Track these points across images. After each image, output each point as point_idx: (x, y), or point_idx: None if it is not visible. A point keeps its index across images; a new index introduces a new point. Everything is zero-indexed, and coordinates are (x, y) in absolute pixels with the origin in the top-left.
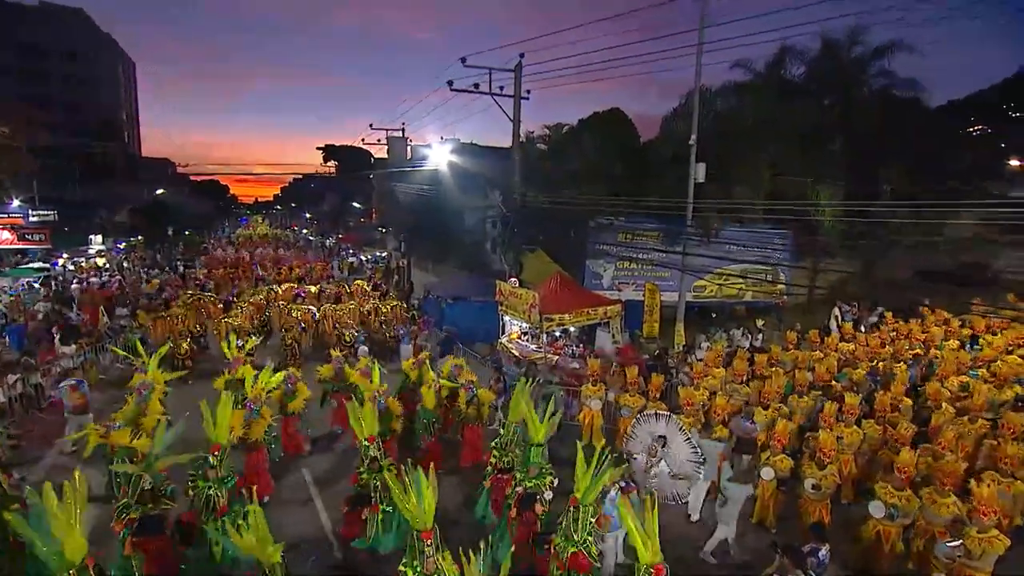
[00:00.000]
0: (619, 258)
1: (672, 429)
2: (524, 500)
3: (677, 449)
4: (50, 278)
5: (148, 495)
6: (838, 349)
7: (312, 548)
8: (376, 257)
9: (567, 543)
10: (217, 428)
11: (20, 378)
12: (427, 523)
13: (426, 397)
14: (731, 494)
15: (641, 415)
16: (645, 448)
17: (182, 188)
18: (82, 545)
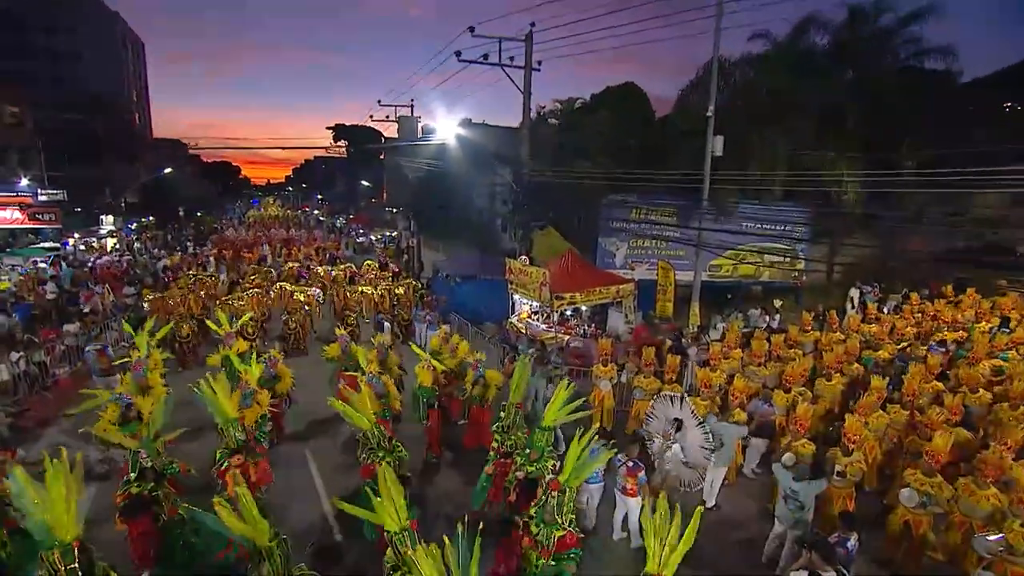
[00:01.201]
0: (632, 236)
1: (687, 413)
2: (525, 485)
3: (691, 435)
4: (60, 258)
5: (150, 473)
6: (860, 331)
7: (311, 534)
8: (386, 237)
9: (551, 528)
10: (222, 409)
11: (23, 356)
12: (403, 519)
13: (421, 375)
14: (805, 498)
15: (659, 396)
16: (661, 431)
17: (193, 169)
18: (73, 526)
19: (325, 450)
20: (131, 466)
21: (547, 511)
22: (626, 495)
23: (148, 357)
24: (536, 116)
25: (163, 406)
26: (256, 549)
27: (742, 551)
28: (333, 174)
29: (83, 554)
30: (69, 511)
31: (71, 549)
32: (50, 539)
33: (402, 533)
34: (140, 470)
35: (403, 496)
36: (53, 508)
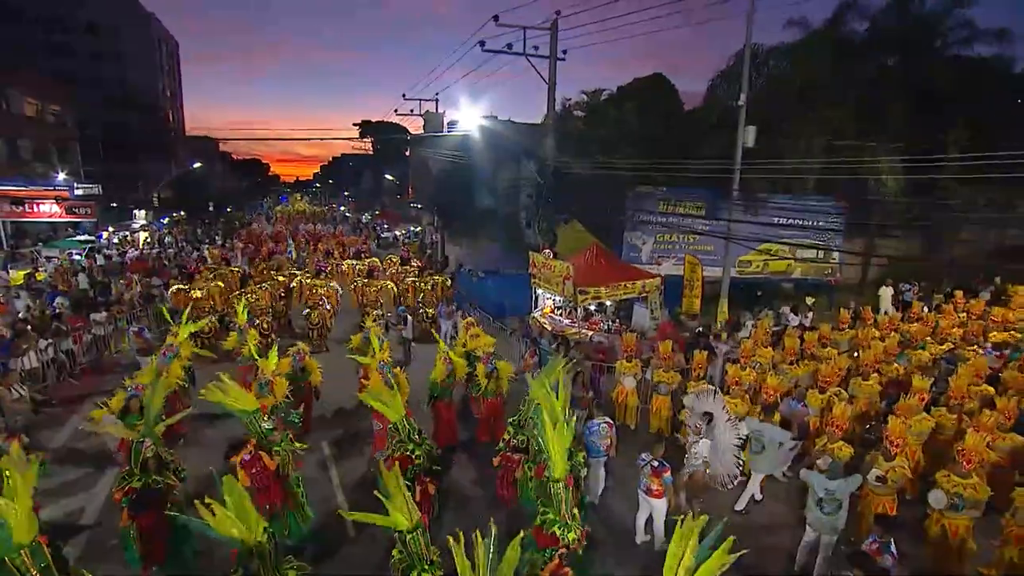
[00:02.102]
0: (659, 230)
1: (719, 408)
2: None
3: (721, 436)
4: (94, 250)
5: (153, 464)
6: (898, 329)
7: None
8: (410, 232)
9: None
10: (241, 402)
11: (51, 343)
12: (414, 519)
13: (436, 369)
14: (843, 496)
15: (701, 390)
16: (692, 425)
17: (223, 165)
18: (31, 523)
19: (341, 442)
20: (133, 458)
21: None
22: (651, 496)
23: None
24: (562, 109)
25: (161, 389)
26: (246, 546)
27: (773, 558)
28: (360, 171)
29: (53, 548)
30: (27, 508)
31: (40, 546)
32: (13, 543)
33: (415, 532)
34: (143, 461)
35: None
36: (9, 509)
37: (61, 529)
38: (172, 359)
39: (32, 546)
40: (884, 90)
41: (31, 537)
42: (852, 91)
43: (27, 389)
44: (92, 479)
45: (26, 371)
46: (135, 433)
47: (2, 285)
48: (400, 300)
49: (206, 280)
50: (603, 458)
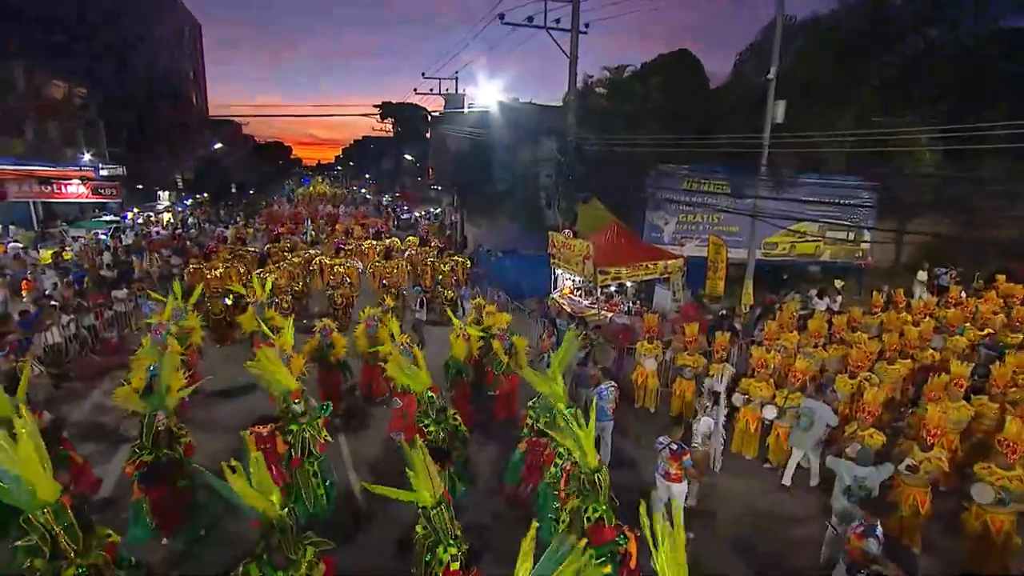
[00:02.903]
0: (682, 210)
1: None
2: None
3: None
4: (119, 230)
5: (164, 437)
6: (933, 314)
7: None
8: (430, 213)
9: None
10: (282, 378)
11: (74, 319)
12: (438, 494)
13: (455, 346)
14: (873, 484)
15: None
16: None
17: (246, 148)
18: (53, 483)
19: (355, 422)
20: (146, 432)
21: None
22: (670, 480)
23: (184, 320)
24: (583, 86)
25: (170, 364)
26: (267, 519)
27: (798, 549)
28: (380, 154)
29: (75, 510)
30: (46, 470)
31: (63, 506)
32: (35, 501)
33: (439, 507)
34: (155, 434)
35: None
36: (31, 468)
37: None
38: (166, 336)
39: (55, 506)
40: (925, 62)
41: (55, 497)
42: (890, 64)
43: (44, 367)
44: (110, 453)
45: (49, 346)
46: (150, 407)
47: (31, 263)
48: (418, 281)
49: (224, 260)
50: (610, 422)
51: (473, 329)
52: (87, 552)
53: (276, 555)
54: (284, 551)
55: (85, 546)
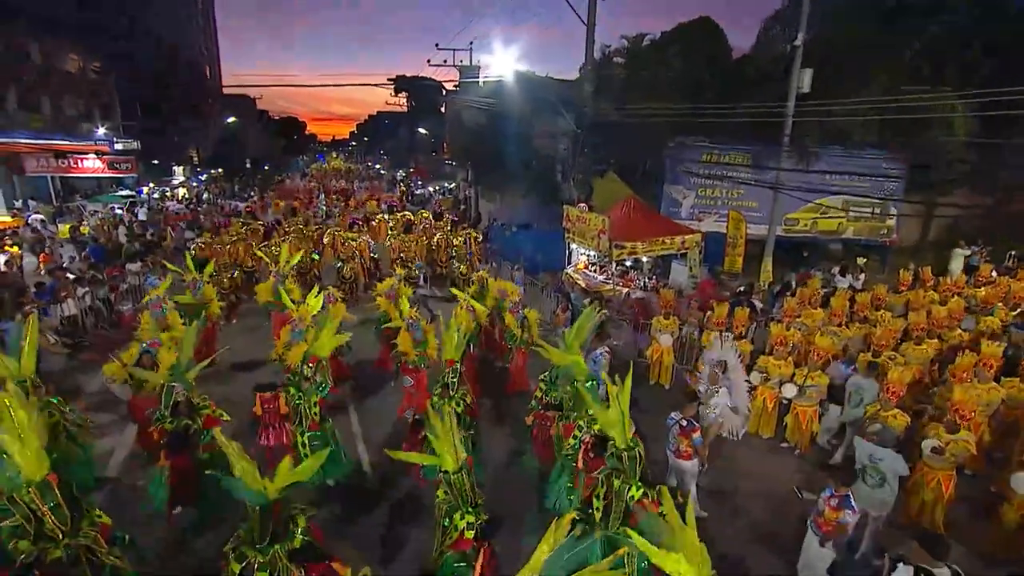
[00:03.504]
0: (701, 184)
1: (731, 355)
2: (595, 445)
3: (736, 378)
4: (135, 204)
5: (185, 407)
6: (963, 294)
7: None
8: (444, 188)
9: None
10: (320, 342)
11: (88, 291)
12: (460, 459)
13: (459, 318)
14: (887, 469)
15: (715, 339)
16: (707, 376)
17: (261, 124)
18: (40, 460)
19: (365, 395)
20: (164, 400)
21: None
22: (680, 458)
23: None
24: (601, 56)
25: (191, 338)
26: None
27: None
28: (395, 129)
29: (63, 488)
30: (35, 445)
31: (49, 485)
32: (19, 479)
33: (460, 472)
34: (174, 404)
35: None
36: (17, 444)
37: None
38: (166, 311)
39: (41, 484)
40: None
41: (41, 474)
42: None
43: (59, 337)
44: (122, 424)
45: (65, 317)
46: (165, 376)
47: (49, 237)
48: (431, 256)
49: (235, 234)
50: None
51: (477, 304)
52: (75, 533)
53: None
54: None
55: (74, 527)
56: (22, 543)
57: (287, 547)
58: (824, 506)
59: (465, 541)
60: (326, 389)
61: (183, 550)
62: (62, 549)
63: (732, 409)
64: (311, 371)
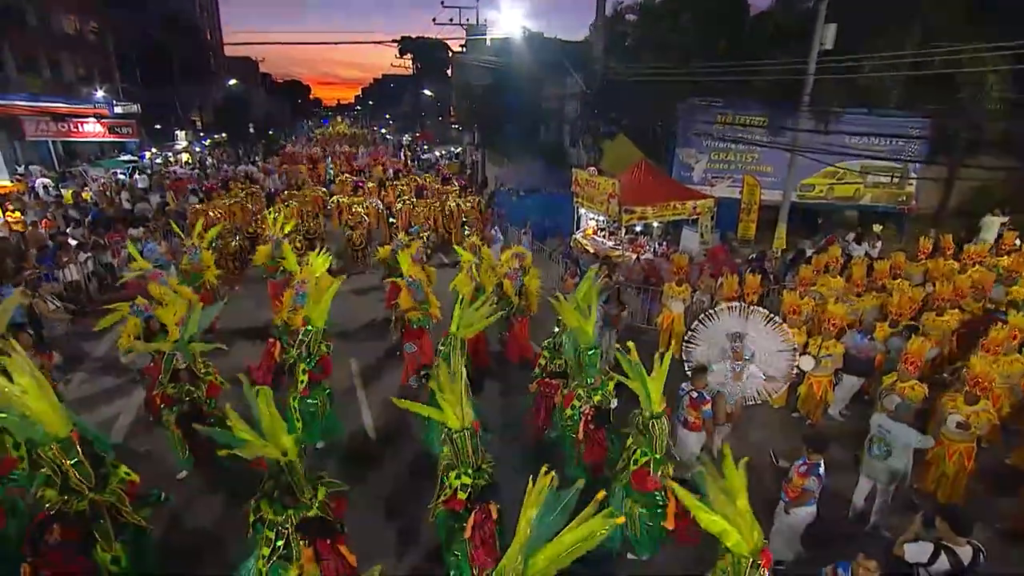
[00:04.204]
0: (714, 147)
1: (744, 321)
2: (597, 416)
3: (764, 344)
4: (137, 169)
5: (185, 376)
6: (984, 262)
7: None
8: (450, 152)
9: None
10: (317, 309)
11: (91, 256)
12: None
13: (459, 282)
14: (894, 441)
15: (701, 316)
16: (723, 354)
17: (264, 87)
18: (62, 418)
19: (368, 358)
20: (164, 368)
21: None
22: (688, 428)
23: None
24: (612, 13)
25: (199, 313)
26: (274, 461)
27: (826, 502)
28: (400, 93)
29: (85, 446)
30: (53, 403)
31: (71, 442)
32: (44, 436)
33: (463, 432)
34: (173, 372)
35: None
36: (36, 401)
37: None
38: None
39: (64, 442)
40: None
41: (66, 431)
42: None
43: (62, 303)
44: (128, 389)
45: (68, 283)
46: (169, 345)
47: (51, 201)
48: (443, 222)
49: (232, 199)
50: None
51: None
52: (101, 489)
53: (286, 496)
54: (294, 492)
55: (99, 483)
56: (49, 492)
57: (301, 514)
58: (793, 473)
59: (457, 501)
60: (312, 362)
61: (195, 512)
62: (87, 503)
63: (769, 379)
64: (306, 337)
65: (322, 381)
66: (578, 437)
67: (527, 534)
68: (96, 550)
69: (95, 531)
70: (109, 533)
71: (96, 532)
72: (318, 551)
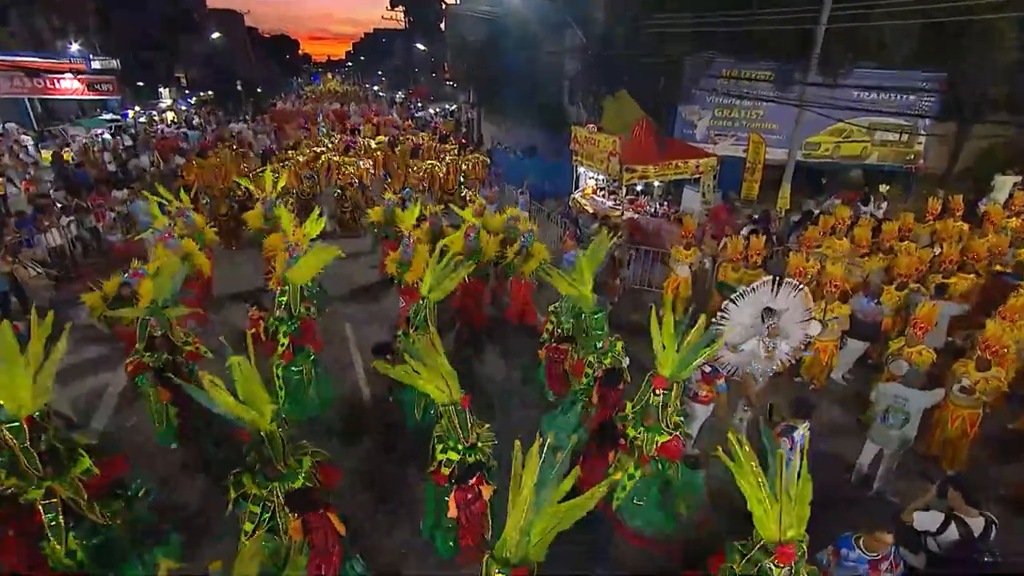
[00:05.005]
0: (718, 103)
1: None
2: (608, 378)
3: (790, 315)
4: (121, 128)
5: (162, 343)
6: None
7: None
8: (445, 110)
9: (653, 432)
10: (298, 269)
11: (73, 220)
12: (455, 394)
13: (454, 241)
14: (913, 408)
15: (735, 295)
16: (755, 332)
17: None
18: (20, 401)
19: (365, 325)
20: (139, 335)
21: (649, 412)
22: (697, 402)
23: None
24: None
25: (171, 277)
26: (256, 431)
27: (829, 467)
28: (392, 49)
29: (35, 432)
30: (21, 380)
31: (20, 428)
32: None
33: (450, 406)
34: (148, 339)
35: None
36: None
37: (85, 407)
38: (179, 241)
39: (14, 426)
40: None
41: (19, 416)
42: None
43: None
44: (116, 357)
45: (51, 248)
46: (141, 311)
47: (30, 163)
48: (441, 183)
49: (224, 159)
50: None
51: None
52: (59, 478)
53: (268, 467)
54: (276, 463)
55: (49, 473)
56: (3, 474)
57: (287, 486)
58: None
59: (440, 475)
60: (294, 326)
61: (184, 486)
62: (42, 492)
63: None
64: (284, 296)
65: (306, 347)
66: (592, 401)
67: (527, 505)
68: (47, 542)
69: (46, 523)
70: (60, 526)
71: (47, 524)
72: (307, 522)
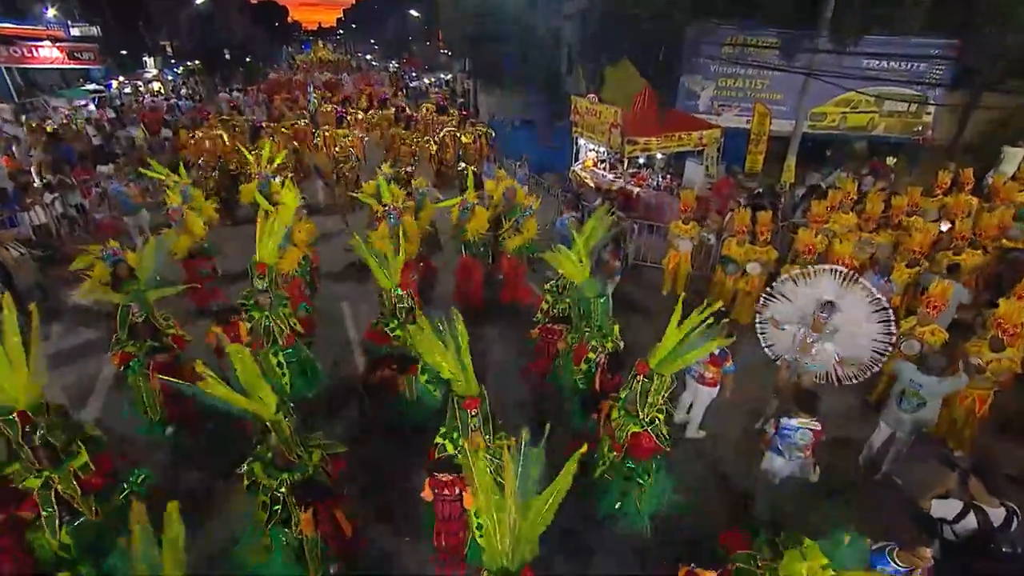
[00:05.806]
0: (722, 72)
1: (843, 291)
2: (612, 363)
3: (853, 321)
4: (105, 100)
5: (144, 330)
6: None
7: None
8: (440, 80)
9: (628, 419)
10: (261, 245)
11: (58, 197)
12: (472, 388)
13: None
14: (929, 395)
15: (795, 273)
16: (805, 320)
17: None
18: (15, 394)
19: (363, 303)
20: (120, 323)
21: (628, 399)
22: (703, 384)
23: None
24: None
25: (153, 251)
26: (259, 421)
27: (835, 450)
28: (385, 15)
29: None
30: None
31: (14, 422)
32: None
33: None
34: (130, 327)
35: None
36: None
37: (78, 391)
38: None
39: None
40: None
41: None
42: None
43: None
44: (107, 342)
45: (36, 227)
46: (121, 296)
47: (11, 136)
48: (439, 157)
49: (215, 131)
50: None
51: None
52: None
53: (277, 458)
54: (285, 454)
55: (45, 467)
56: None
57: (296, 476)
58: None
59: (431, 456)
60: (286, 305)
61: (182, 473)
62: (42, 481)
63: (842, 362)
64: (262, 280)
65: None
66: (595, 389)
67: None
68: (39, 533)
69: (40, 513)
70: (54, 518)
71: (43, 515)
72: (317, 514)
